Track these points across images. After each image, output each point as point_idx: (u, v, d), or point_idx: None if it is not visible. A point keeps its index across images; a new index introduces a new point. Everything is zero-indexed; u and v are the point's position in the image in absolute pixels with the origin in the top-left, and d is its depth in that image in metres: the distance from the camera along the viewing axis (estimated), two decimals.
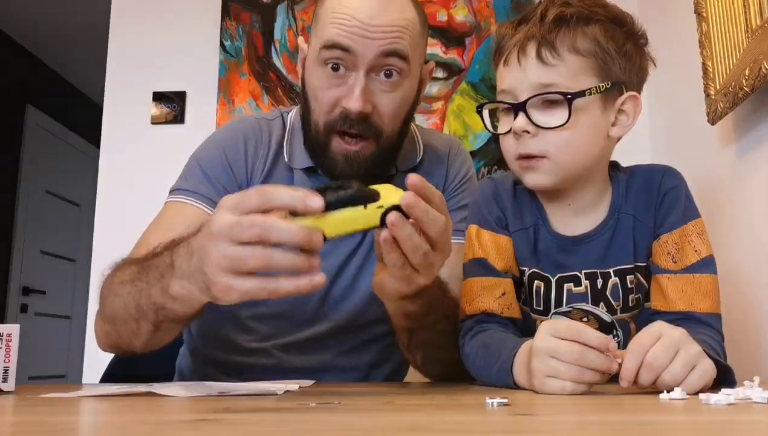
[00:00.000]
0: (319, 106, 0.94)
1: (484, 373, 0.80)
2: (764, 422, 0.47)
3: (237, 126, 1.05)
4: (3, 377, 0.68)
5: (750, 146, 1.22)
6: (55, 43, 3.73)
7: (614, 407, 0.57)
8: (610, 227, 0.87)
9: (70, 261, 4.07)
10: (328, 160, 0.95)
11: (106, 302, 0.87)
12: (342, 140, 0.93)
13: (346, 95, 0.90)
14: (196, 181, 0.97)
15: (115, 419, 0.49)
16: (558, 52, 0.80)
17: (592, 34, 0.81)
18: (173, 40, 2.06)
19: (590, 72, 0.81)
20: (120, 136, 2.02)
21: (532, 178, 0.83)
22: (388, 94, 0.92)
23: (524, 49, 0.81)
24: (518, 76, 0.82)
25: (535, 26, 0.80)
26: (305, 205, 0.61)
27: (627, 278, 0.86)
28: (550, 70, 0.80)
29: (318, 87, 0.93)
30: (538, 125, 0.80)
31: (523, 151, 0.82)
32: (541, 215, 0.90)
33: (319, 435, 0.40)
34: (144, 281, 0.78)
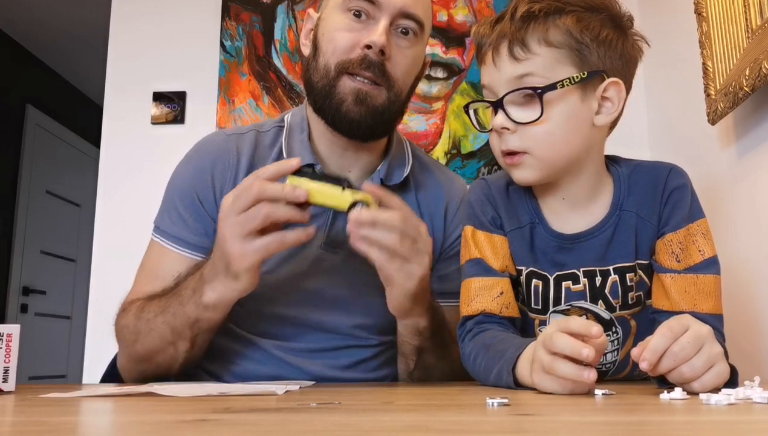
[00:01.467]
0: (335, 46, 0.94)
1: (485, 373, 0.80)
2: (764, 422, 0.47)
3: (205, 150, 1.03)
4: (3, 377, 0.68)
5: (750, 146, 1.22)
6: (55, 43, 3.72)
7: (614, 407, 0.57)
8: (611, 224, 0.86)
9: (70, 261, 4.07)
10: (335, 100, 0.94)
11: (137, 344, 0.92)
12: (354, 79, 0.93)
13: (368, 34, 0.92)
14: (179, 227, 0.98)
15: (115, 419, 0.49)
16: (528, 47, 0.81)
17: (563, 25, 0.81)
18: (173, 40, 2.05)
19: (566, 62, 0.81)
20: (120, 136, 2.02)
21: (517, 174, 0.85)
22: (403, 50, 0.95)
23: (497, 47, 0.83)
24: (494, 74, 0.84)
25: (506, 24, 0.82)
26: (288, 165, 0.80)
27: (627, 275, 0.86)
28: (521, 65, 0.81)
29: (337, 29, 0.94)
30: (515, 121, 0.81)
31: (505, 147, 0.83)
32: (537, 213, 0.89)
33: (319, 435, 0.40)
34: (177, 304, 0.87)
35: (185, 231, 0.98)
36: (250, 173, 0.96)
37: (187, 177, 1.01)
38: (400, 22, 0.94)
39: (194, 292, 0.85)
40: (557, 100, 0.81)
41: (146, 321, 0.90)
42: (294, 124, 1.04)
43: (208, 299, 0.84)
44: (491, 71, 0.84)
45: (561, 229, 0.88)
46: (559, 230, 0.88)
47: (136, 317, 0.92)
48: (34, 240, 3.76)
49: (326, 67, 0.95)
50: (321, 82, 0.95)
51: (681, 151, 1.58)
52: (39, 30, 3.59)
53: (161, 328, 0.88)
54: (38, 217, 3.80)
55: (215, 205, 0.97)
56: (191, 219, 0.98)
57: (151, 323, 0.89)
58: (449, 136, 1.89)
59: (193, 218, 0.98)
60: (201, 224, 0.98)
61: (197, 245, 0.97)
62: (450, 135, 1.89)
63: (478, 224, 0.91)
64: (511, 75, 0.82)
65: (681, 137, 1.59)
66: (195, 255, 0.97)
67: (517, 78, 0.81)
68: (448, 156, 1.88)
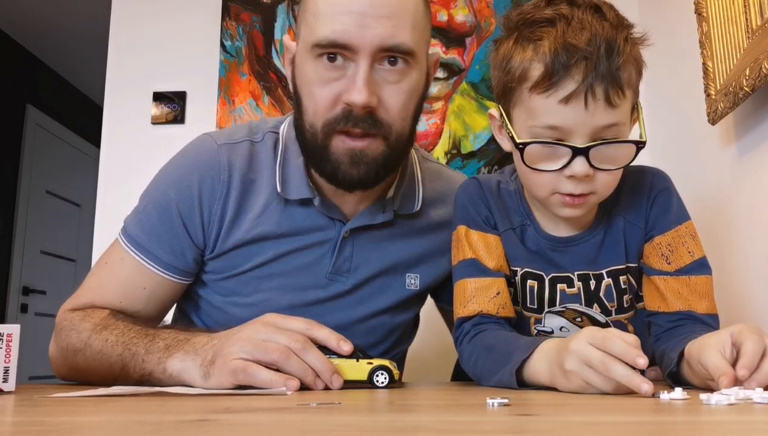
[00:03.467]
0: (316, 103, 0.83)
1: (488, 376, 0.80)
2: (764, 422, 0.47)
3: (192, 159, 0.93)
4: (3, 377, 0.68)
5: (750, 146, 1.22)
6: (55, 43, 3.72)
7: (614, 407, 0.57)
8: (601, 228, 0.87)
9: (70, 261, 4.07)
10: (331, 163, 0.84)
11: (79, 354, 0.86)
12: (346, 137, 0.83)
13: (347, 88, 0.80)
14: (151, 240, 0.91)
15: (115, 419, 0.49)
16: (622, 91, 0.74)
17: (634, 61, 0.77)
18: (173, 40, 2.05)
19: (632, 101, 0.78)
20: (120, 136, 2.02)
21: (572, 211, 0.81)
22: (394, 85, 0.82)
23: (593, 90, 0.72)
24: (582, 118, 0.74)
25: (603, 63, 0.72)
26: (338, 345, 0.76)
27: (620, 278, 0.87)
28: (614, 113, 0.74)
29: (313, 82, 0.83)
30: (598, 167, 0.76)
31: (577, 191, 0.77)
32: (528, 216, 0.89)
33: (319, 435, 0.40)
34: (141, 348, 0.80)
35: (157, 246, 0.91)
36: (244, 190, 0.92)
37: (170, 188, 0.92)
38: (383, 55, 0.81)
39: (166, 349, 0.78)
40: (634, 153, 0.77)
41: (102, 341, 0.83)
42: (289, 142, 0.93)
43: (172, 366, 0.76)
44: (578, 113, 0.73)
45: (552, 231, 0.88)
46: (550, 233, 0.88)
47: (93, 329, 0.85)
48: (34, 240, 3.76)
49: (313, 128, 0.84)
50: (312, 143, 0.86)
51: (681, 151, 1.58)
52: (39, 30, 3.59)
53: (113, 359, 0.81)
54: (38, 217, 3.80)
55: (201, 228, 0.92)
56: (166, 235, 0.91)
57: (105, 347, 0.82)
58: (449, 136, 1.89)
59: (168, 235, 0.91)
60: (177, 242, 0.91)
61: (168, 264, 0.91)
62: (450, 135, 1.89)
63: (471, 223, 0.90)
64: (603, 123, 0.74)
65: (681, 137, 1.59)
66: (164, 274, 0.92)
67: (605, 127, 0.74)
68: (448, 156, 1.88)
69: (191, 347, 0.77)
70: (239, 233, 0.92)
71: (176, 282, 0.94)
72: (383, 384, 0.77)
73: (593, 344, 0.65)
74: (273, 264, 0.94)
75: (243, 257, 0.93)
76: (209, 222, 0.92)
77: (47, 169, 3.91)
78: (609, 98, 0.73)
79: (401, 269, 0.99)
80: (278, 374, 0.71)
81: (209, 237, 0.93)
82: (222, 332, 0.78)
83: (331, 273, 0.95)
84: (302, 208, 0.92)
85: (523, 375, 0.74)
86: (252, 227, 0.92)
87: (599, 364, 0.64)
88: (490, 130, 1.88)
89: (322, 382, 0.73)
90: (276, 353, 0.71)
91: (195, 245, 0.93)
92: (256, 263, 0.93)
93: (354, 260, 0.95)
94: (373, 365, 0.78)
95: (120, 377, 0.81)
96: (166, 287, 0.93)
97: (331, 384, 0.74)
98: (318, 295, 0.95)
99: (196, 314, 1.00)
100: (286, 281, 0.94)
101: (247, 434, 0.40)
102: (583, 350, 0.66)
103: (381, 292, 0.98)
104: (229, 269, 0.94)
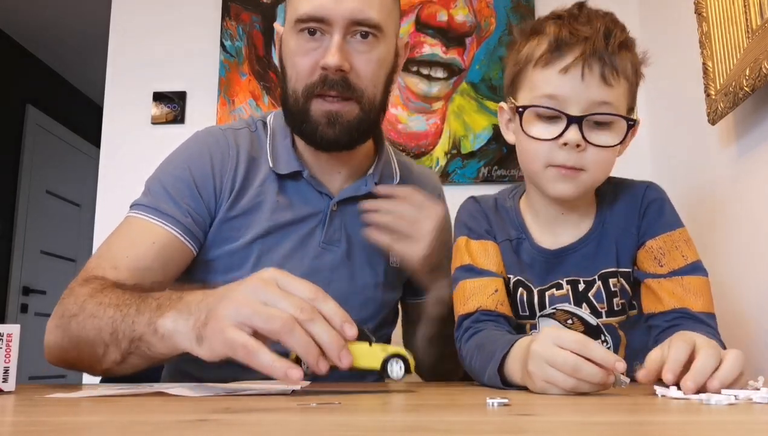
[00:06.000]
0: (297, 71, 0.94)
1: (480, 374, 0.80)
2: (764, 422, 0.47)
3: (202, 139, 1.02)
4: (3, 377, 0.68)
5: (750, 146, 1.22)
6: (55, 43, 3.72)
7: (614, 407, 0.57)
8: (595, 237, 0.90)
9: (70, 261, 4.07)
10: (310, 125, 0.95)
11: (73, 320, 0.82)
12: (323, 100, 0.93)
13: (323, 55, 0.92)
14: (160, 200, 0.94)
15: (115, 419, 0.49)
16: (617, 75, 0.82)
17: (632, 59, 0.84)
18: (173, 40, 2.05)
19: (628, 96, 0.85)
20: (120, 136, 2.02)
21: (564, 187, 0.84)
22: (364, 55, 0.94)
23: (590, 64, 0.80)
24: (578, 89, 0.81)
25: (600, 43, 0.81)
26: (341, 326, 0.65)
27: (610, 281, 0.88)
28: (609, 91, 0.81)
29: (295, 53, 0.94)
30: (590, 142, 0.81)
31: (569, 163, 0.82)
32: (523, 229, 0.93)
33: (319, 435, 0.40)
34: (133, 308, 0.77)
35: (167, 206, 0.94)
36: (250, 168, 1.00)
37: (181, 163, 0.98)
38: (355, 29, 0.92)
39: (158, 308, 0.75)
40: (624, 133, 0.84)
41: (96, 304, 0.81)
42: (277, 127, 1.04)
43: (163, 326, 0.72)
44: (574, 83, 0.81)
45: (547, 244, 0.91)
46: (544, 246, 0.91)
47: (91, 293, 0.84)
48: (34, 240, 3.76)
49: (295, 93, 0.95)
50: (294, 108, 0.96)
51: (681, 151, 1.58)
52: (39, 30, 3.59)
53: (104, 321, 0.78)
54: (38, 217, 3.80)
55: (213, 195, 0.97)
56: (179, 197, 0.95)
57: (98, 310, 0.80)
58: (449, 136, 1.89)
59: (181, 196, 0.95)
60: (189, 202, 0.95)
61: (178, 221, 0.93)
62: (450, 135, 1.89)
63: (471, 234, 0.94)
64: (597, 98, 0.81)
65: (681, 137, 1.59)
66: (173, 230, 0.93)
67: (599, 103, 0.81)
68: (448, 156, 1.88)
69: (184, 306, 0.72)
70: (244, 201, 0.99)
71: (185, 243, 0.94)
72: (398, 376, 0.67)
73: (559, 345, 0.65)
74: (271, 237, 0.98)
75: (246, 224, 0.98)
76: (221, 191, 0.98)
77: (47, 169, 3.91)
78: (604, 75, 0.81)
79: None
80: (281, 360, 0.62)
81: (220, 204, 0.98)
82: (218, 289, 0.71)
83: (324, 242, 1.01)
84: (293, 182, 1.01)
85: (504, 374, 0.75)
86: (255, 196, 0.99)
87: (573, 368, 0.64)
88: (490, 130, 1.88)
89: (326, 363, 0.64)
90: (278, 323, 0.63)
91: (207, 210, 0.97)
92: (256, 232, 0.98)
93: (343, 230, 1.02)
94: (387, 352, 0.67)
95: (110, 344, 0.77)
96: (174, 246, 0.93)
97: (340, 362, 0.64)
98: (314, 264, 0.99)
99: None
100: (283, 254, 0.98)
101: (247, 434, 0.40)
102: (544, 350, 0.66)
103: (369, 265, 1.04)
104: (234, 239, 0.98)
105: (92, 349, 0.79)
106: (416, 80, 1.92)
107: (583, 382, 0.64)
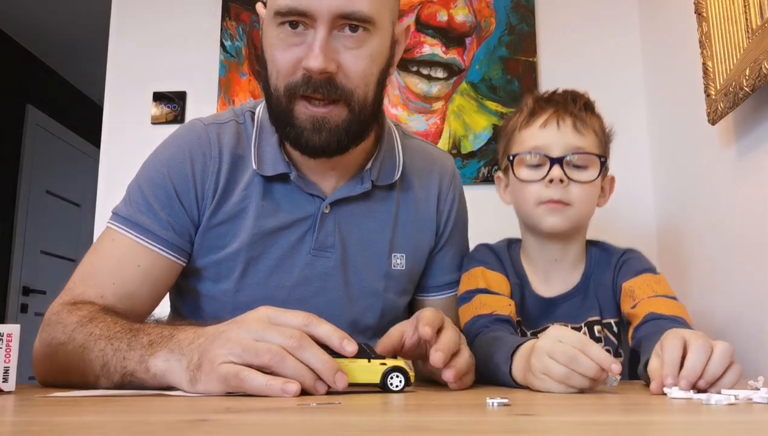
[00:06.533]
0: (278, 69, 0.85)
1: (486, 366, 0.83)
2: (764, 422, 0.47)
3: (184, 138, 0.95)
4: (3, 377, 0.68)
5: (750, 147, 1.22)
6: (55, 43, 3.72)
7: (614, 407, 0.57)
8: (581, 289, 1.02)
9: (70, 261, 4.07)
10: (294, 129, 0.86)
11: (61, 348, 0.80)
12: (308, 103, 0.84)
13: (305, 55, 0.82)
14: (140, 212, 0.90)
15: (116, 419, 0.49)
16: (587, 127, 1.00)
17: (598, 122, 1.03)
18: (173, 40, 2.05)
19: (599, 146, 1.01)
20: (120, 136, 2.02)
21: (554, 220, 0.98)
22: (354, 51, 0.83)
23: (563, 117, 0.99)
24: (555, 136, 0.98)
25: (570, 104, 1.00)
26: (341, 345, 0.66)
27: (595, 327, 1.00)
28: (581, 138, 0.98)
29: (276, 47, 0.84)
30: (571, 178, 0.97)
31: (555, 197, 0.97)
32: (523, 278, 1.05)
33: (319, 435, 0.40)
34: (125, 342, 0.74)
35: (151, 222, 0.89)
36: (234, 169, 0.94)
37: (162, 167, 0.93)
38: (342, 23, 0.82)
39: (150, 345, 0.72)
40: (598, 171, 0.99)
41: (87, 334, 0.78)
42: (265, 121, 0.95)
43: (155, 366, 0.70)
44: (552, 133, 0.98)
45: (541, 291, 1.03)
46: (540, 293, 1.03)
47: (79, 322, 0.80)
48: (34, 240, 3.76)
49: (276, 91, 0.86)
50: (276, 109, 0.87)
51: (681, 151, 1.58)
52: (39, 30, 3.60)
53: (95, 354, 0.76)
54: (38, 217, 3.80)
55: (195, 202, 0.92)
56: (161, 210, 0.90)
57: (89, 341, 0.77)
58: (449, 136, 1.89)
59: (163, 210, 0.90)
60: (172, 216, 0.90)
61: (163, 239, 0.89)
62: (450, 135, 1.89)
63: (488, 266, 1.03)
64: (572, 143, 0.98)
65: (681, 137, 1.59)
66: (159, 249, 0.89)
67: (574, 147, 0.98)
68: None
69: (176, 345, 0.70)
70: (228, 206, 0.93)
71: (170, 259, 0.91)
72: (398, 388, 0.68)
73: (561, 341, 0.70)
74: (257, 245, 0.93)
75: (231, 232, 0.93)
76: (203, 197, 0.93)
77: (47, 169, 3.91)
78: (575, 125, 0.99)
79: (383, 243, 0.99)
80: (274, 378, 0.63)
81: (203, 211, 0.93)
82: (209, 328, 0.70)
83: (315, 249, 0.95)
84: (281, 184, 0.94)
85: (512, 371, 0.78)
86: (238, 202, 0.93)
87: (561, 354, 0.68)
88: (490, 130, 1.88)
89: (324, 384, 0.65)
90: (268, 355, 0.63)
91: (189, 220, 0.92)
92: (241, 241, 0.93)
93: (337, 233, 0.96)
94: (387, 365, 0.69)
95: (101, 376, 0.75)
96: (160, 264, 0.90)
97: (335, 384, 0.65)
98: (304, 273, 0.95)
99: (189, 309, 0.99)
100: (271, 264, 0.94)
101: (247, 434, 0.40)
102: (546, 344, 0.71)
103: (368, 270, 0.98)
104: (219, 247, 0.93)
105: (83, 378, 0.77)
106: (416, 80, 1.92)
107: (575, 374, 0.67)
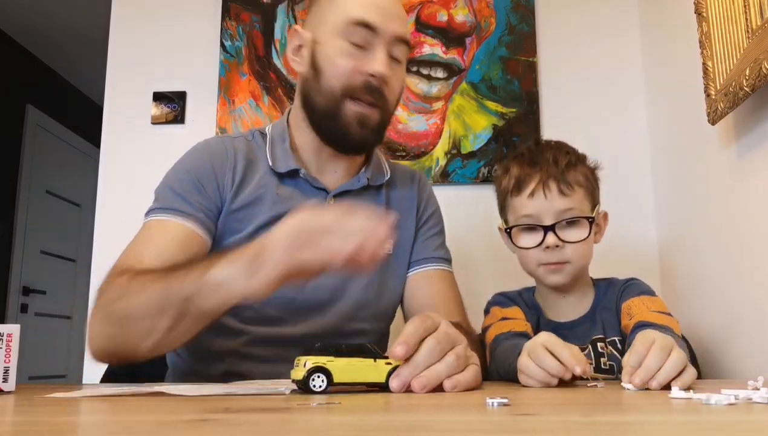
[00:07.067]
0: (337, 71, 1.00)
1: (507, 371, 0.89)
2: (764, 422, 0.47)
3: (201, 149, 1.09)
4: (3, 377, 0.68)
5: (750, 146, 1.22)
6: (55, 43, 3.72)
7: (615, 407, 0.58)
8: (589, 317, 1.12)
9: (70, 261, 4.07)
10: (340, 122, 1.01)
11: (117, 302, 0.85)
12: (356, 103, 1.00)
13: (368, 63, 0.99)
14: (171, 201, 1.00)
15: (116, 419, 0.49)
16: (571, 186, 1.07)
17: (582, 171, 1.10)
18: (173, 40, 2.05)
19: (588, 198, 1.09)
20: (120, 136, 2.01)
21: (555, 278, 1.09)
22: (397, 70, 1.04)
23: (548, 186, 1.06)
24: (544, 205, 1.06)
25: (552, 168, 1.07)
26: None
27: (598, 344, 1.08)
28: (568, 200, 1.06)
29: (339, 55, 1.00)
30: (564, 240, 1.06)
31: (554, 260, 1.07)
32: (538, 309, 1.15)
33: (319, 435, 0.40)
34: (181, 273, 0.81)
35: (182, 204, 1.00)
36: (247, 171, 1.07)
37: (183, 170, 1.05)
38: (394, 47, 1.02)
39: (205, 267, 0.79)
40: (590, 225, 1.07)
41: (141, 282, 0.84)
42: (275, 135, 1.11)
43: (215, 275, 0.77)
44: (540, 202, 1.06)
45: (555, 317, 1.13)
46: (554, 319, 1.13)
47: (130, 278, 0.87)
48: (34, 240, 3.76)
49: (330, 89, 1.01)
50: (324, 104, 1.02)
51: (681, 151, 1.58)
52: (39, 30, 3.60)
53: (151, 293, 0.82)
54: (38, 217, 3.80)
55: (217, 191, 1.03)
56: (189, 196, 1.01)
57: (144, 285, 0.84)
58: (449, 136, 1.89)
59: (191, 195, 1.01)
60: (201, 200, 1.01)
61: (194, 217, 0.99)
62: (450, 135, 1.89)
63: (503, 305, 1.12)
64: (560, 207, 1.06)
65: (681, 137, 1.59)
66: (192, 224, 0.98)
67: (563, 210, 1.06)
68: (448, 156, 1.88)
69: (234, 255, 0.78)
70: (245, 194, 1.05)
71: (199, 235, 0.99)
72: None
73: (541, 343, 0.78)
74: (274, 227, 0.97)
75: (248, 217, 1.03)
76: (223, 187, 1.04)
77: (47, 169, 3.91)
78: (561, 190, 1.06)
79: None
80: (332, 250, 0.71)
81: (224, 198, 1.04)
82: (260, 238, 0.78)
83: None
84: (291, 179, 1.08)
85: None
86: (255, 190, 1.06)
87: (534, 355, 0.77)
88: (490, 130, 1.88)
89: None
90: (329, 216, 0.73)
91: (213, 203, 1.03)
92: (259, 223, 1.02)
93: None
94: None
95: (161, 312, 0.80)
96: (192, 237, 0.98)
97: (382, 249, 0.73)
98: None
99: None
100: None
101: (247, 434, 0.40)
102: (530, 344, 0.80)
103: None
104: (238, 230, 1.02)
105: (141, 324, 0.82)
106: (416, 80, 1.92)
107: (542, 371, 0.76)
